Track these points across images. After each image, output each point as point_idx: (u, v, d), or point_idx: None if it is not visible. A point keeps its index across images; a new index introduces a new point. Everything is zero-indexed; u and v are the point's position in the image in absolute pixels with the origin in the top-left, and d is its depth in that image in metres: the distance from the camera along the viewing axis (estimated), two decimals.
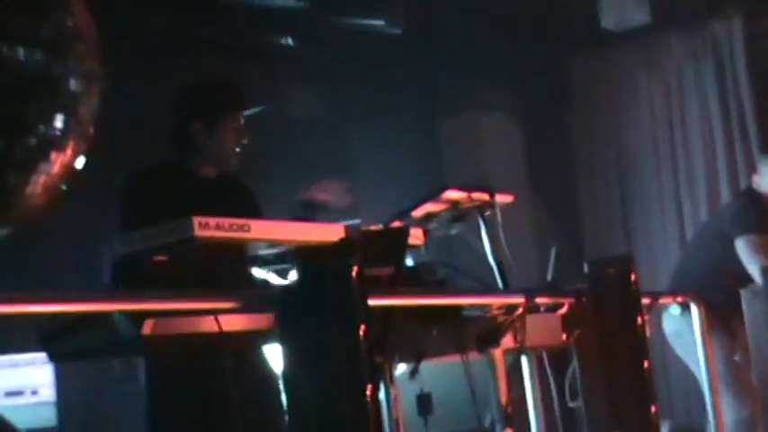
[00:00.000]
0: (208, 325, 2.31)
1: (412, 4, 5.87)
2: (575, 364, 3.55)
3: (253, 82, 5.81)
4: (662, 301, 4.33)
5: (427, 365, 3.20)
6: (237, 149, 3.67)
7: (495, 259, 3.62)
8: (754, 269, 4.92)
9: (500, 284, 3.57)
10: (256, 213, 3.69)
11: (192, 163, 3.66)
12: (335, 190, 3.91)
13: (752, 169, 6.54)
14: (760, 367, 4.88)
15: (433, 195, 3.45)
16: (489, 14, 6.40)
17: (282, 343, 2.27)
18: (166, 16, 5.31)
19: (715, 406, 4.26)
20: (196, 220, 2.24)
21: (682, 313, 4.87)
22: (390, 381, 3.30)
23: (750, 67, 6.94)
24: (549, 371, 3.78)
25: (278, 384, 3.36)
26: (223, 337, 2.30)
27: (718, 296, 4.82)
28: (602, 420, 3.41)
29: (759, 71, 7.01)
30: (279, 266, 2.40)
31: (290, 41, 5.61)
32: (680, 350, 5.21)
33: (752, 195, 5.38)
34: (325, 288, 2.24)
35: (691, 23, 7.14)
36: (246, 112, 3.73)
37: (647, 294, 3.86)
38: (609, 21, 6.60)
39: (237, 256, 2.42)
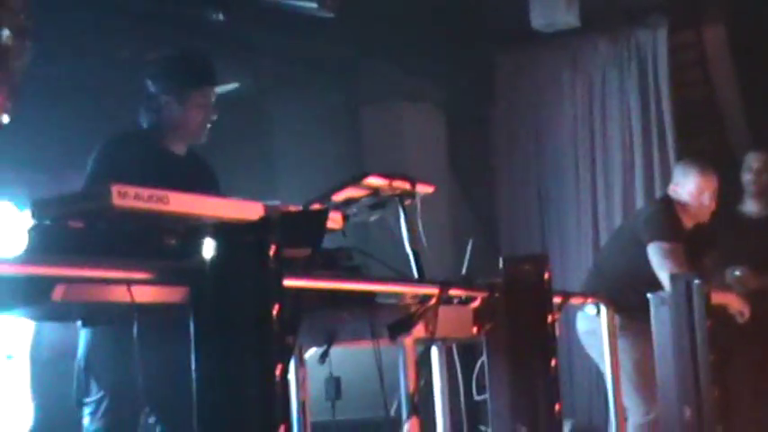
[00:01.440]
0: (120, 295, 2.27)
1: None
2: (483, 357, 3.58)
3: None
4: (573, 301, 4.39)
5: (338, 350, 3.20)
6: (207, 125, 3.72)
7: (411, 249, 3.62)
8: (663, 276, 5.00)
9: (415, 274, 3.58)
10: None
11: (162, 135, 3.69)
12: None
13: (668, 176, 6.68)
14: (663, 372, 4.97)
15: (355, 180, 3.44)
16: (421, 5, 6.41)
17: (194, 317, 2.25)
18: None
19: (618, 407, 4.33)
20: (115, 188, 2.20)
21: (597, 313, 4.93)
22: (300, 363, 3.30)
23: (671, 77, 7.06)
24: (457, 363, 3.81)
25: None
26: (135, 307, 2.27)
27: (632, 299, 4.89)
28: (507, 415, 3.44)
29: (680, 81, 7.13)
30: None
31: (220, 17, 5.56)
32: (593, 350, 5.27)
33: (666, 202, 5.48)
34: (240, 265, 2.22)
35: (617, 30, 7.23)
36: (219, 89, 3.77)
37: (559, 293, 3.90)
38: (538, 21, 6.65)
39: (156, 227, 2.39)
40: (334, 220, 3.09)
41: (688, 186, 5.36)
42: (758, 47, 6.83)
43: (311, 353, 3.34)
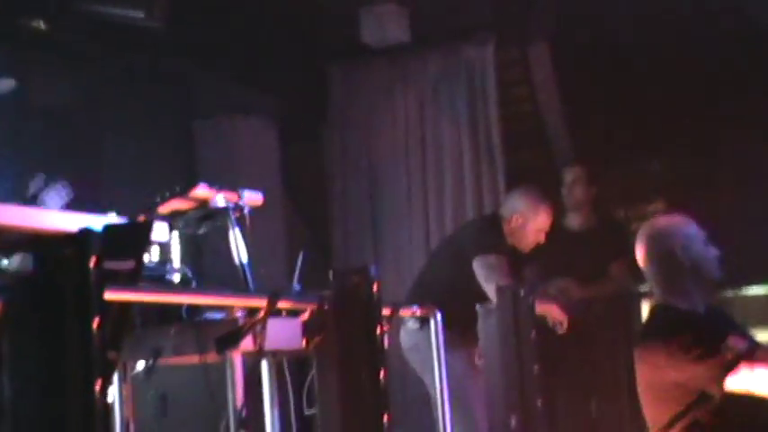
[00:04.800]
0: None
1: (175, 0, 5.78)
2: (313, 370, 3.57)
3: (1, 63, 5.56)
4: (402, 312, 4.42)
5: (167, 367, 3.15)
6: None
7: (240, 261, 3.59)
8: (489, 288, 5.10)
9: (244, 286, 3.55)
10: None
11: None
12: None
13: (496, 190, 6.83)
14: (491, 381, 5.06)
15: (182, 192, 3.40)
16: (252, 19, 6.39)
17: (9, 333, 2.17)
18: None
19: (445, 422, 4.38)
20: None
21: (420, 328, 4.98)
22: (125, 380, 3.23)
23: (499, 93, 7.23)
24: (288, 376, 3.79)
25: None
26: None
27: (456, 312, 4.97)
28: (336, 428, 3.44)
29: (507, 98, 7.31)
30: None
31: (41, 24, 5.40)
32: (416, 365, 5.33)
33: (492, 219, 5.60)
34: (59, 278, 2.15)
35: (447, 46, 7.36)
36: None
37: (389, 305, 3.93)
38: (369, 36, 6.72)
39: None
40: (161, 233, 3.04)
41: (516, 217, 5.46)
42: (580, 65, 7.06)
43: (138, 368, 3.27)
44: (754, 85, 6.69)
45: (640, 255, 3.84)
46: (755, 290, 6.07)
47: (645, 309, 5.99)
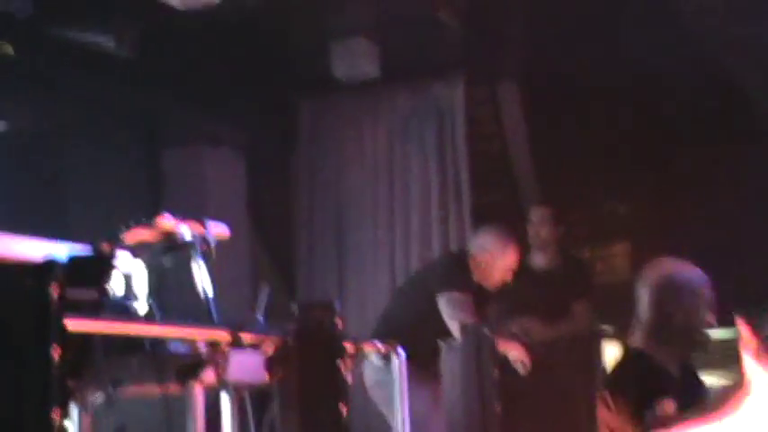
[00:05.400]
0: None
1: (146, 29, 5.77)
2: (275, 404, 3.55)
3: None
4: (366, 348, 4.40)
5: (126, 397, 3.12)
6: None
7: (204, 293, 3.57)
8: (454, 325, 5.10)
9: (208, 319, 3.53)
10: None
11: None
12: None
13: (462, 227, 6.85)
14: (452, 420, 5.05)
15: (147, 223, 3.38)
16: (223, 50, 6.40)
17: None
18: None
19: None
20: None
21: (384, 364, 4.96)
22: (85, 410, 3.19)
23: (468, 131, 7.26)
24: (249, 410, 3.76)
25: None
26: None
27: (420, 348, 4.97)
28: None
29: (476, 135, 7.35)
30: None
31: (9, 50, 5.37)
32: (380, 401, 5.31)
33: (460, 256, 5.61)
34: (21, 306, 2.14)
35: (417, 82, 7.40)
36: None
37: (352, 340, 3.92)
38: (339, 70, 6.74)
39: None
40: (125, 263, 3.02)
41: (485, 255, 5.49)
42: (548, 104, 7.11)
43: (100, 399, 3.24)
44: (719, 129, 6.76)
45: (642, 293, 3.75)
46: (717, 333, 6.09)
47: (607, 349, 6.01)
